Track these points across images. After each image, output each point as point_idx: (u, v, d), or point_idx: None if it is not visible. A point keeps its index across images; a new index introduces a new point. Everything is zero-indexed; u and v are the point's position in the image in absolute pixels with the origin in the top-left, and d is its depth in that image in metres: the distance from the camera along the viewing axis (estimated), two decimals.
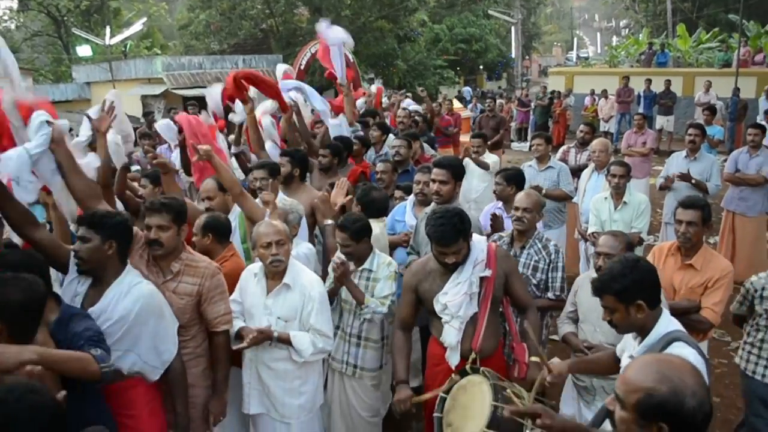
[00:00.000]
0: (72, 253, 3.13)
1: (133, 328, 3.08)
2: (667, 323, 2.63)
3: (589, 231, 5.85)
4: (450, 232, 3.29)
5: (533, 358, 3.50)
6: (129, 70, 19.40)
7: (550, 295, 4.11)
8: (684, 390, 1.74)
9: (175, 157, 9.71)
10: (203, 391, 3.51)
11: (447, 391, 3.33)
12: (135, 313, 3.06)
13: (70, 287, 3.18)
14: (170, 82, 18.29)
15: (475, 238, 3.56)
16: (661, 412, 1.75)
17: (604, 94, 18.20)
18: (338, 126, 7.37)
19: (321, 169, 6.02)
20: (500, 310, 3.72)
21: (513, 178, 5.18)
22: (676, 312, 2.77)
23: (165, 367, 3.21)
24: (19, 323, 2.46)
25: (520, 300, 3.64)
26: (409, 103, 12.34)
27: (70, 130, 4.48)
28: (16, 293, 2.43)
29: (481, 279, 3.45)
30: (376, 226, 4.73)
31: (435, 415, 3.28)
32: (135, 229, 3.50)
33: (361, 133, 7.67)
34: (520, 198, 4.24)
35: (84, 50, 22.58)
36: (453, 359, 3.49)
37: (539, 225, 4.39)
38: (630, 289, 2.59)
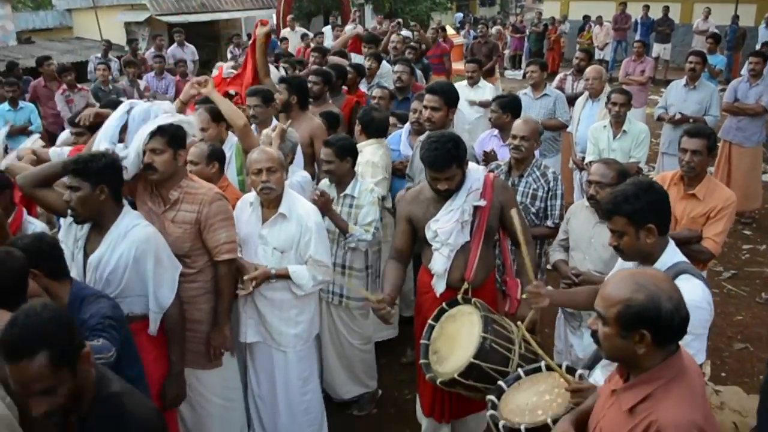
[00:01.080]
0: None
1: (131, 272, 3.04)
2: (673, 254, 2.58)
3: (587, 160, 5.77)
4: (443, 157, 3.20)
5: (525, 296, 3.48)
6: None
7: (549, 223, 4.08)
8: (660, 295, 1.82)
9: (164, 86, 9.54)
10: (210, 328, 3.46)
11: (436, 319, 3.34)
12: (132, 258, 3.02)
13: (69, 231, 3.13)
14: (154, 8, 17.64)
15: (472, 166, 3.48)
16: (640, 319, 1.81)
17: (599, 20, 17.74)
18: None
19: (312, 97, 5.85)
20: (496, 241, 3.68)
21: (508, 106, 5.08)
22: (677, 242, 2.71)
23: (162, 311, 3.16)
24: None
25: (516, 234, 3.57)
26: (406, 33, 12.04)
27: None
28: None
29: (476, 209, 3.39)
30: (378, 147, 4.68)
31: (422, 341, 3.31)
32: None
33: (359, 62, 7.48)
34: (518, 125, 4.14)
35: None
36: (439, 287, 3.46)
37: (536, 153, 4.32)
38: (643, 210, 2.53)
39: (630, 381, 1.93)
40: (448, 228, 3.35)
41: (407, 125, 4.99)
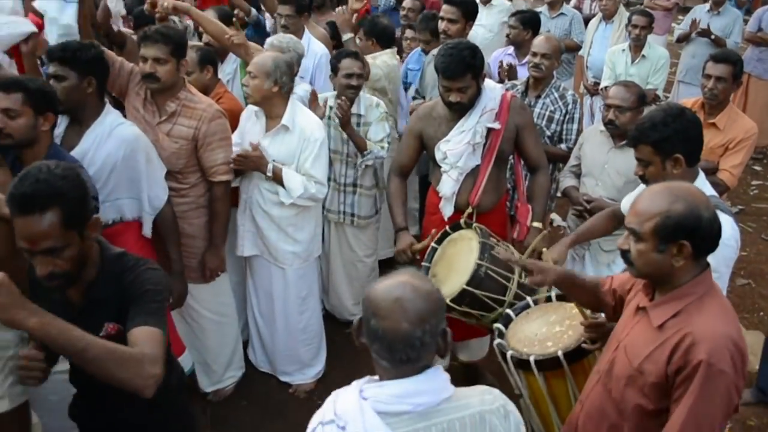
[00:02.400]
0: None
1: (120, 173, 2.89)
2: (703, 186, 2.41)
3: (602, 84, 5.56)
4: (458, 64, 3.01)
5: (535, 224, 3.37)
6: None
7: (563, 146, 3.91)
8: (698, 204, 1.77)
9: None
10: (205, 243, 3.37)
11: (439, 242, 3.25)
12: (122, 158, 2.86)
13: None
14: None
15: (489, 83, 3.28)
16: (681, 229, 1.76)
17: None
18: None
19: (315, 6, 5.54)
20: (510, 163, 3.52)
21: (529, 22, 4.78)
22: None
23: (156, 213, 3.05)
24: None
25: (530, 158, 3.42)
26: None
27: None
28: None
29: (489, 130, 3.21)
30: (392, 58, 4.51)
31: (423, 264, 3.24)
32: (130, 64, 3.23)
33: None
34: (539, 42, 3.92)
35: None
36: (447, 210, 3.35)
37: (554, 74, 4.10)
38: (670, 139, 2.38)
39: (659, 298, 1.88)
40: (458, 150, 3.19)
41: None
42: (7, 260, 2.21)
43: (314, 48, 4.46)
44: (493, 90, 3.27)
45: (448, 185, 3.31)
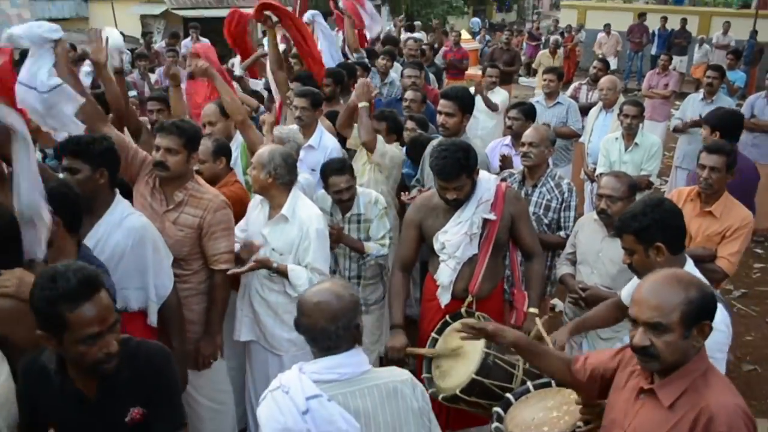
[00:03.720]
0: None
1: (128, 262, 2.97)
2: (692, 272, 2.49)
3: (597, 171, 5.67)
4: (453, 166, 3.14)
5: (531, 309, 3.42)
6: None
7: (561, 233, 4.00)
8: (703, 285, 1.92)
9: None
10: (204, 328, 3.41)
11: (440, 332, 3.27)
12: (130, 247, 2.94)
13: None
14: (170, 2, 17.67)
15: (484, 175, 3.40)
16: (703, 311, 1.86)
17: (607, 29, 17.51)
18: None
19: (325, 99, 5.76)
20: (505, 251, 3.60)
21: (530, 113, 5.03)
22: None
23: (161, 302, 3.10)
24: None
25: (526, 246, 3.52)
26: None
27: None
28: None
29: (485, 220, 3.31)
30: (398, 148, 4.67)
31: (425, 355, 3.26)
32: (144, 153, 3.37)
33: (365, 59, 7.41)
34: (528, 133, 4.08)
35: None
36: (444, 298, 3.42)
37: (549, 162, 4.24)
38: (650, 228, 2.46)
39: (663, 377, 1.93)
40: (455, 240, 3.30)
41: None
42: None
43: (326, 142, 4.58)
44: (488, 181, 3.39)
45: (445, 274, 3.38)
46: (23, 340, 2.22)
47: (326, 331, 1.97)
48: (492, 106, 7.11)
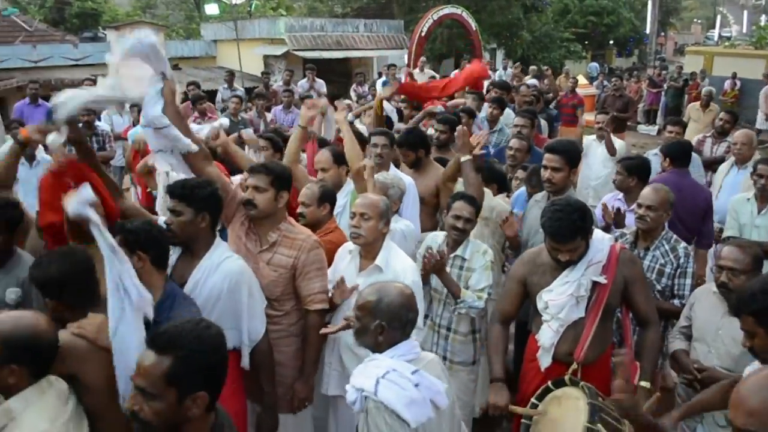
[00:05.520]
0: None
1: (224, 305, 2.99)
2: None
3: (725, 234, 5.22)
4: (567, 228, 2.96)
5: (643, 383, 3.12)
6: (253, 30, 19.68)
7: (676, 302, 3.67)
8: None
9: (290, 120, 9.79)
10: (293, 372, 3.38)
11: (540, 398, 3.06)
12: (226, 290, 2.97)
13: None
14: (292, 44, 18.43)
15: (597, 235, 3.19)
16: None
17: (734, 77, 16.45)
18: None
19: (437, 146, 5.72)
20: (617, 316, 3.34)
21: (635, 169, 4.60)
22: None
23: (253, 345, 3.11)
24: (66, 295, 2.51)
25: (640, 313, 3.25)
26: (534, 83, 11.82)
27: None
28: (51, 269, 2.50)
29: (595, 284, 3.09)
30: (504, 200, 4.53)
31: (523, 421, 3.06)
32: (241, 193, 3.41)
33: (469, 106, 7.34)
34: (646, 194, 3.78)
35: (212, 8, 23.17)
36: (544, 360, 3.23)
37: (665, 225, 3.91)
38: None
39: None
40: (560, 301, 3.09)
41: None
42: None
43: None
44: (601, 242, 3.17)
45: (547, 336, 3.19)
46: (92, 381, 2.36)
47: (413, 320, 2.47)
48: (611, 150, 6.79)
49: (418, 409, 2.29)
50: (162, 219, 3.24)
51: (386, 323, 2.38)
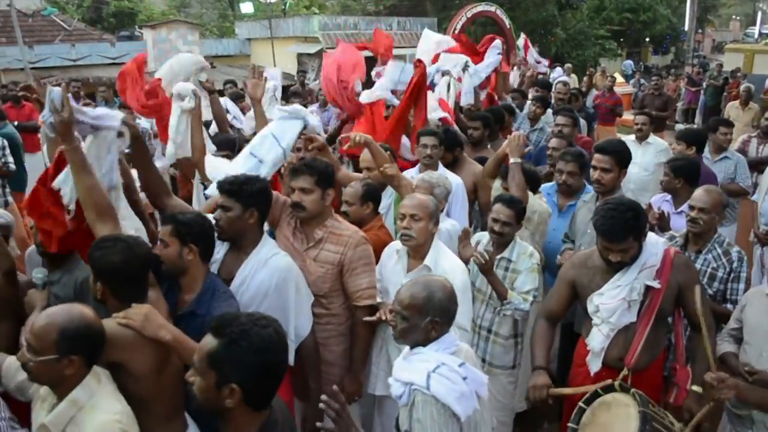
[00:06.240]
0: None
1: (271, 301, 3.01)
2: None
3: None
4: (620, 228, 2.91)
5: (695, 388, 3.06)
6: (287, 28, 19.82)
7: (729, 306, 3.58)
8: None
9: (326, 118, 9.81)
10: (341, 371, 3.39)
11: (588, 402, 3.00)
12: (274, 286, 2.99)
13: None
14: (325, 42, 18.48)
15: (651, 238, 3.12)
16: None
17: None
18: None
19: (472, 143, 5.69)
20: (670, 321, 3.27)
21: (681, 170, 4.46)
22: None
23: (299, 342, 3.12)
24: (120, 285, 2.50)
25: (695, 319, 3.16)
26: (558, 74, 11.64)
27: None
28: (113, 255, 2.47)
29: (648, 288, 3.03)
30: (544, 203, 4.48)
31: (570, 425, 2.98)
32: (284, 197, 3.46)
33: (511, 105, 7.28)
34: (698, 195, 3.68)
35: (247, 7, 23.40)
36: (594, 364, 3.17)
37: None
38: None
39: None
40: (611, 305, 3.04)
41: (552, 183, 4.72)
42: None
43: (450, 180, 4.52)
44: (655, 245, 3.11)
45: (597, 340, 3.14)
46: (139, 370, 2.41)
47: (456, 312, 2.49)
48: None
49: (467, 402, 2.33)
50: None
51: (439, 318, 2.39)
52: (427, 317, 2.39)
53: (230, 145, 4.77)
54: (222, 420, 1.95)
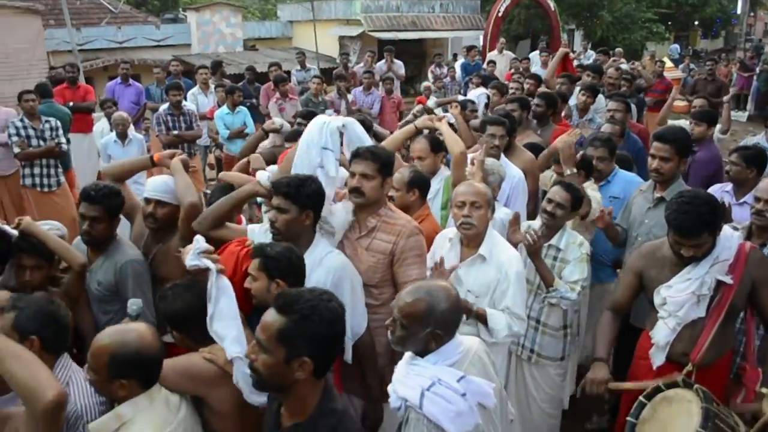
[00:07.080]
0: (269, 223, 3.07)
1: None
2: None
3: None
4: (694, 222, 2.79)
5: (764, 390, 2.93)
6: (329, 11, 19.72)
7: None
8: None
9: (370, 101, 9.75)
10: (388, 362, 3.34)
11: (649, 397, 2.92)
12: (329, 285, 2.93)
13: None
14: (367, 24, 18.38)
15: (726, 232, 2.99)
16: None
17: None
18: None
19: (536, 118, 5.74)
20: (740, 317, 3.16)
21: (754, 160, 4.26)
22: None
23: (356, 339, 3.09)
24: (193, 330, 2.64)
25: None
26: (479, 92, 11.41)
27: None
28: (178, 304, 2.64)
29: (719, 283, 2.91)
30: (595, 190, 4.36)
31: (629, 419, 2.90)
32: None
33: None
34: (764, 187, 3.52)
35: None
36: (657, 358, 3.08)
37: None
38: None
39: None
40: (680, 299, 2.93)
41: None
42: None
43: (511, 171, 4.46)
44: (729, 239, 2.99)
45: (662, 333, 3.05)
46: (218, 406, 2.54)
47: (458, 321, 2.33)
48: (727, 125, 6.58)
49: (465, 419, 2.15)
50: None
51: (440, 330, 2.22)
52: (427, 328, 2.22)
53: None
54: (285, 393, 2.02)
